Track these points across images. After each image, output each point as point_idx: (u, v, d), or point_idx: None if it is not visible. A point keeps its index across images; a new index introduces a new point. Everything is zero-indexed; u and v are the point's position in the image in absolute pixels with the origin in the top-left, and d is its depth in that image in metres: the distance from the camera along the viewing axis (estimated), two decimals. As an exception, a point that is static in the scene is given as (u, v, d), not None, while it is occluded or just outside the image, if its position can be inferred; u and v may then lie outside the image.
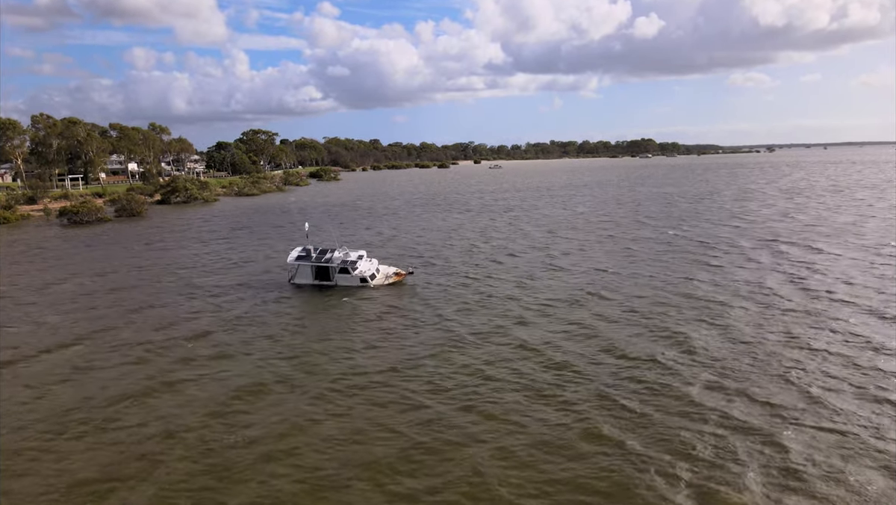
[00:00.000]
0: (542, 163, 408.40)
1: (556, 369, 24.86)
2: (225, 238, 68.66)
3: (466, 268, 46.48)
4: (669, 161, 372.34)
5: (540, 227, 69.94)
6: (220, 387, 24.15)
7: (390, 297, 38.12)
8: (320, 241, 46.53)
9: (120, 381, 25.25)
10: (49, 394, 24.09)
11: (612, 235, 61.12)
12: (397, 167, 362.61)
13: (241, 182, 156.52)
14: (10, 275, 49.54)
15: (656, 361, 25.36)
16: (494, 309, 34.37)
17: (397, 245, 59.08)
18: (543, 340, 28.57)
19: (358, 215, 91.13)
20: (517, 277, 42.69)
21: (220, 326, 32.98)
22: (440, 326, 31.55)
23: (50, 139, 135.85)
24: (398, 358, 26.88)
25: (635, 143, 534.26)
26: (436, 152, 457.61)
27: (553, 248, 54.70)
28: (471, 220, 78.30)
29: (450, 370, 25.21)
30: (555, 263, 47.45)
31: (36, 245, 67.73)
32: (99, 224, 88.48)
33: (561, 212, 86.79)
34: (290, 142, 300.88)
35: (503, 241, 59.79)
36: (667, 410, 20.82)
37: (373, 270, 41.48)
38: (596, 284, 39.47)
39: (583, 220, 74.56)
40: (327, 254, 42.22)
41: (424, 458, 18.12)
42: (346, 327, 32.07)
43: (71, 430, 20.78)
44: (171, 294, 40.85)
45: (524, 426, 19.97)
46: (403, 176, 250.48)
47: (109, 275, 48.21)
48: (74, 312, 36.87)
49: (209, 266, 51.11)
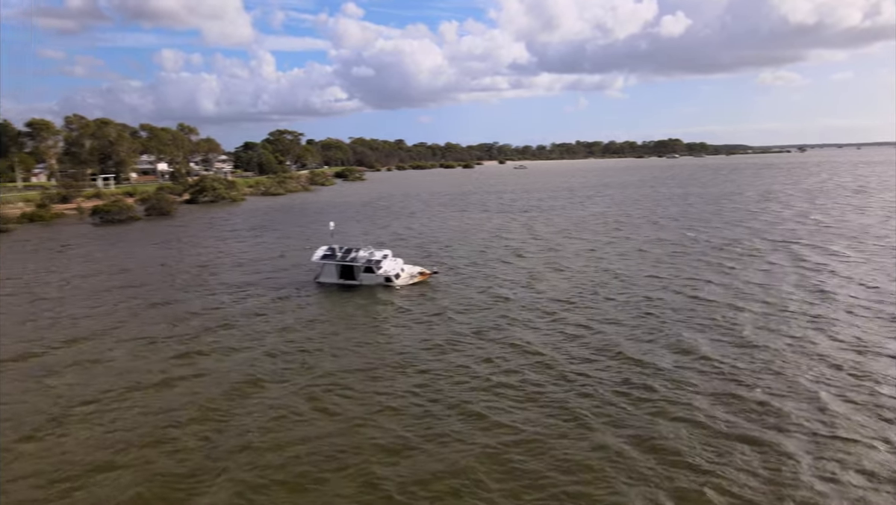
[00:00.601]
0: (567, 163, 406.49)
1: (571, 373, 25.59)
2: (250, 237, 70.47)
3: (478, 269, 47.20)
4: (697, 161, 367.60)
5: (555, 227, 70.48)
6: (233, 378, 25.42)
7: (413, 296, 38.84)
8: (340, 239, 47.64)
9: (131, 373, 26.57)
10: (58, 384, 25.44)
11: (628, 237, 61.35)
12: (422, 167, 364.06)
13: (268, 182, 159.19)
14: (39, 271, 51.73)
15: (665, 367, 25.82)
16: (511, 312, 34.92)
17: (411, 245, 60.05)
18: (550, 344, 29.22)
19: (376, 214, 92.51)
20: (523, 277, 43.33)
21: (241, 322, 34.26)
22: (461, 326, 32.31)
23: (83, 140, 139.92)
24: (414, 356, 27.81)
25: (662, 143, 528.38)
26: (460, 153, 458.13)
27: (569, 248, 55.25)
28: (487, 220, 79.12)
29: (467, 372, 25.95)
30: (563, 263, 47.98)
31: (68, 242, 70.30)
32: (130, 222, 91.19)
33: (579, 212, 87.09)
34: (316, 142, 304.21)
35: (516, 241, 60.44)
36: (669, 417, 21.43)
37: (397, 270, 42.00)
38: (610, 287, 39.98)
39: (600, 222, 74.80)
40: (352, 253, 42.86)
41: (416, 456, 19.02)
42: (367, 326, 33.05)
43: (71, 419, 22.02)
44: (196, 291, 42.38)
45: (523, 430, 20.74)
46: (427, 176, 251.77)
47: (136, 271, 50.11)
48: (98, 306, 38.63)
49: (235, 264, 52.70)
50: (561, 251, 53.87)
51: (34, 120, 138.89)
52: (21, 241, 73.77)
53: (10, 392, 24.71)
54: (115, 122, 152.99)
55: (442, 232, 69.94)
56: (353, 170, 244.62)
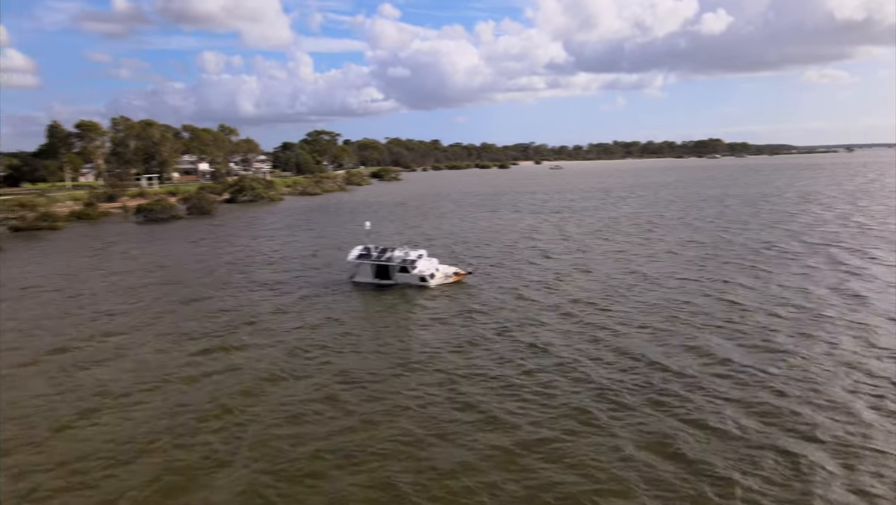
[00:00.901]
0: (604, 164, 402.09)
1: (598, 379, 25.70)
2: (287, 236, 71.90)
3: (508, 269, 47.28)
4: (738, 162, 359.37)
5: (587, 228, 70.09)
6: (257, 372, 26.20)
7: (446, 296, 39.05)
8: (373, 239, 48.33)
9: (158, 367, 27.49)
10: (89, 377, 26.52)
11: (660, 239, 60.59)
12: (457, 168, 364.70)
13: (305, 182, 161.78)
14: (83, 268, 53.79)
15: (691, 372, 25.54)
16: (542, 315, 34.98)
17: (442, 244, 60.40)
18: (577, 349, 29.20)
19: (409, 214, 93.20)
20: (552, 278, 43.29)
21: (273, 319, 35.07)
22: (486, 327, 32.46)
23: (128, 140, 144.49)
24: (437, 355, 28.09)
25: (702, 143, 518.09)
26: (496, 153, 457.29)
27: (597, 251, 54.98)
28: (519, 220, 79.08)
29: (489, 373, 26.14)
30: (592, 265, 47.74)
31: (112, 240, 72.84)
32: (172, 221, 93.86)
33: (612, 213, 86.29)
34: (353, 142, 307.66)
35: (549, 242, 60.34)
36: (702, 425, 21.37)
37: (432, 270, 42.24)
38: (638, 289, 39.74)
39: (633, 223, 74.05)
40: (387, 253, 43.26)
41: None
42: (396, 325, 33.43)
43: (97, 411, 22.95)
44: (230, 289, 43.48)
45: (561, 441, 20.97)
46: (462, 177, 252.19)
47: (174, 268, 51.72)
48: (134, 302, 40.01)
49: (270, 263, 53.86)
50: (590, 252, 53.54)
51: (82, 121, 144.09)
52: (69, 238, 76.73)
53: (45, 384, 25.89)
54: (158, 124, 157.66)
55: (472, 232, 70.16)
56: (388, 170, 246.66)
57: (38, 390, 25.18)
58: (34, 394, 24.77)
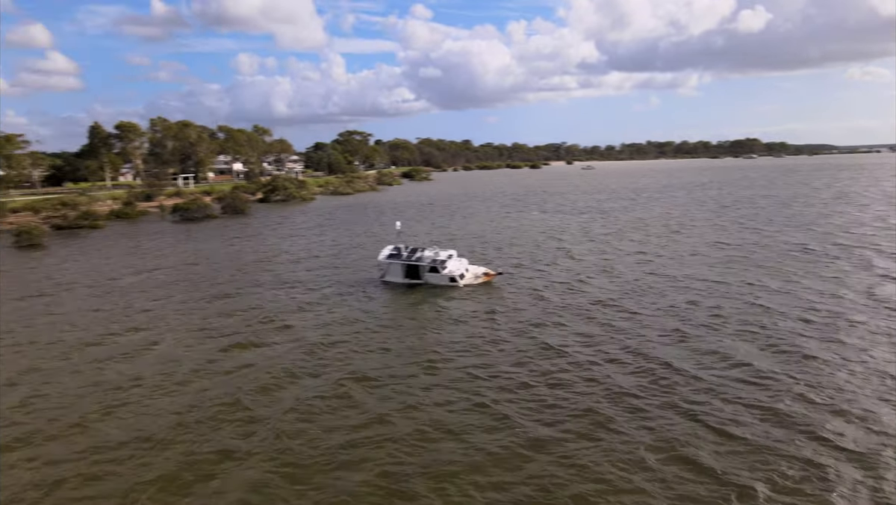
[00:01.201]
0: (637, 164, 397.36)
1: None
2: (317, 235, 72.88)
3: (536, 271, 47.22)
4: (775, 162, 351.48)
5: (614, 229, 69.54)
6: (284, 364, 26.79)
7: (474, 297, 39.09)
8: (401, 238, 48.75)
9: (178, 361, 28.24)
10: (112, 371, 27.44)
11: (687, 239, 59.76)
12: (488, 168, 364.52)
13: (337, 181, 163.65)
14: (117, 266, 55.40)
15: (710, 377, 25.33)
16: (566, 320, 35.02)
17: (469, 245, 60.55)
18: (602, 352, 29.19)
19: (438, 214, 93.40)
20: (576, 279, 43.14)
21: (302, 317, 35.61)
22: (509, 327, 32.49)
23: (165, 141, 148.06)
24: (455, 354, 28.24)
25: (738, 143, 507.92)
26: (527, 153, 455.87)
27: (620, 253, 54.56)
28: (548, 221, 78.80)
29: (507, 374, 26.33)
30: (617, 268, 47.39)
31: (148, 238, 74.84)
32: (207, 220, 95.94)
33: (640, 214, 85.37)
34: (384, 142, 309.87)
35: (571, 243, 60.10)
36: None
37: (462, 270, 42.39)
38: (661, 291, 39.37)
39: (661, 224, 73.17)
40: (417, 253, 43.54)
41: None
42: (418, 324, 33.68)
43: (116, 403, 23.83)
44: (261, 286, 44.28)
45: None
46: (493, 177, 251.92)
47: (205, 266, 52.89)
48: (162, 298, 41.07)
49: (301, 261, 54.66)
50: (616, 254, 53.16)
51: (122, 122, 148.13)
52: (108, 236, 79.07)
53: (74, 377, 26.89)
54: (195, 124, 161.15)
55: (500, 232, 70.05)
56: (419, 170, 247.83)
57: (67, 382, 26.16)
58: (64, 386, 25.75)
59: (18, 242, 70.23)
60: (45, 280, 49.69)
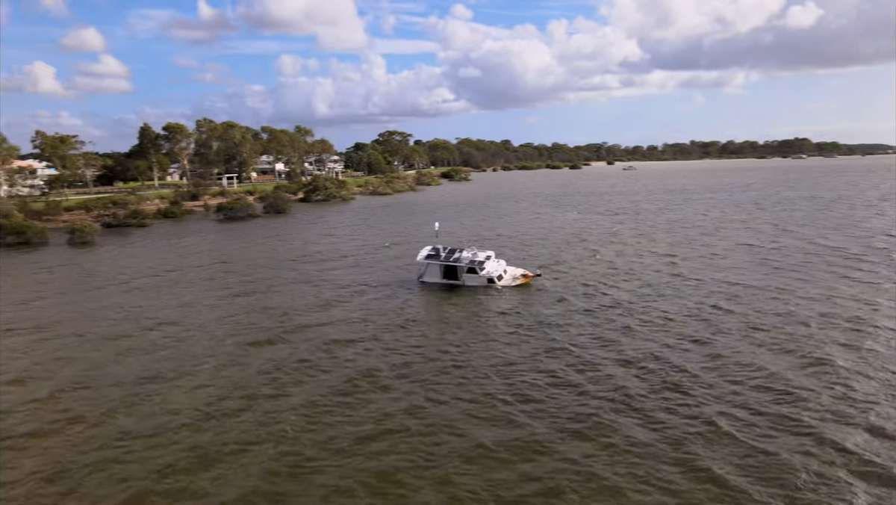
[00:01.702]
0: (681, 164, 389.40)
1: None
2: (357, 234, 73.59)
3: (569, 273, 46.78)
4: (826, 162, 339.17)
5: (649, 231, 68.33)
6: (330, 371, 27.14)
7: (513, 299, 38.81)
8: (440, 238, 48.88)
9: (196, 358, 28.79)
10: (132, 363, 28.17)
11: (721, 240, 58.31)
12: (528, 168, 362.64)
13: (376, 181, 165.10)
14: (160, 262, 56.89)
15: (725, 389, 24.61)
16: (598, 328, 34.73)
17: (505, 244, 60.41)
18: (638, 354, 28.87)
19: (474, 213, 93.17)
20: (615, 281, 42.53)
21: (343, 316, 35.91)
22: (557, 334, 32.57)
23: (211, 141, 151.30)
24: (471, 356, 28.22)
25: (787, 142, 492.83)
26: (568, 153, 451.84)
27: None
28: (579, 221, 77.94)
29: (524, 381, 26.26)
30: (647, 278, 46.51)
31: (192, 236, 76.72)
32: (249, 219, 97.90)
33: (678, 215, 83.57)
34: (424, 143, 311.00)
35: (595, 244, 59.30)
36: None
37: (500, 271, 42.25)
38: (708, 301, 38.52)
39: (695, 225, 71.55)
40: (455, 253, 43.49)
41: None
42: (465, 326, 33.82)
43: (135, 397, 24.53)
44: (301, 285, 44.82)
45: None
46: (532, 177, 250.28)
47: (241, 264, 53.80)
48: (192, 295, 41.94)
49: (339, 260, 55.16)
50: (652, 258, 52.27)
51: (170, 124, 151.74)
52: (154, 234, 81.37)
53: (103, 367, 27.79)
54: (239, 125, 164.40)
55: (534, 233, 69.63)
56: (458, 170, 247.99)
57: (100, 372, 27.04)
58: (91, 377, 26.66)
59: (71, 240, 72.86)
60: (89, 277, 51.46)
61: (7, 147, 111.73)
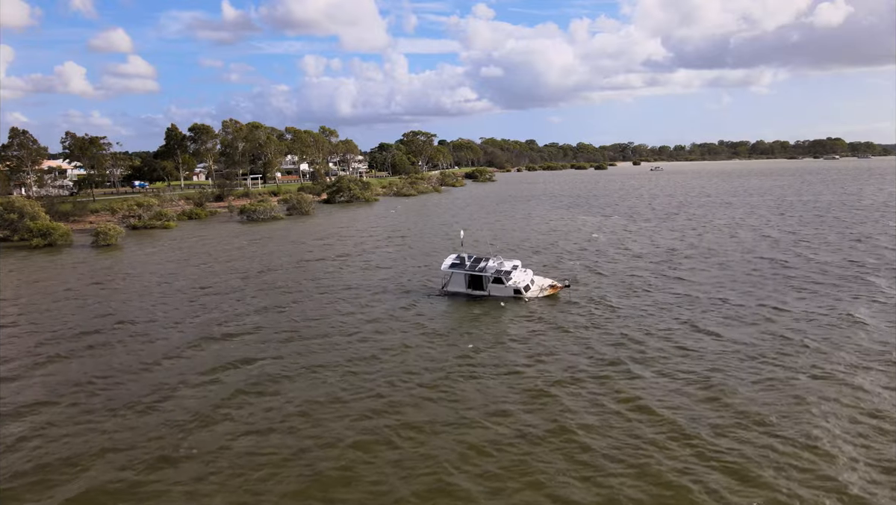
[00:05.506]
0: (708, 164, 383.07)
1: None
2: (380, 238, 72.60)
3: (595, 283, 45.18)
4: (859, 164, 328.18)
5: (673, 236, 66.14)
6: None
7: (540, 310, 37.40)
8: (455, 244, 47.55)
9: (201, 361, 27.99)
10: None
11: (736, 248, 55.99)
12: (552, 168, 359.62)
13: (400, 182, 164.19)
14: (177, 266, 56.44)
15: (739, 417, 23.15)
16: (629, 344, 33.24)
17: (526, 249, 58.85)
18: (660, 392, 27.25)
19: (495, 217, 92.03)
20: (649, 292, 40.82)
21: (363, 324, 34.98)
22: (556, 344, 31.07)
23: (236, 142, 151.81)
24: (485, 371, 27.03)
25: (819, 142, 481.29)
26: (593, 153, 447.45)
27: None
28: (606, 224, 75.96)
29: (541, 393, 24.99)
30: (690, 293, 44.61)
31: (213, 239, 76.42)
32: (272, 221, 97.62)
33: (707, 218, 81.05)
34: (448, 143, 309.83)
35: (639, 254, 57.35)
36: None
37: (527, 282, 40.59)
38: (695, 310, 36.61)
39: (722, 232, 69.13)
40: (481, 263, 41.77)
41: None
42: (490, 340, 32.50)
43: (145, 400, 23.53)
44: (320, 291, 43.88)
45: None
46: (557, 178, 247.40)
47: (258, 268, 53.09)
48: (216, 297, 41.09)
49: (364, 267, 53.97)
50: (687, 265, 50.33)
51: (196, 124, 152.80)
52: (176, 237, 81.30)
53: (111, 369, 27.26)
54: (264, 126, 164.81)
55: (552, 236, 68.05)
56: (482, 171, 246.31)
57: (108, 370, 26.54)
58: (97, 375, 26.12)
59: (96, 242, 73.03)
60: (101, 279, 51.43)
61: (36, 148, 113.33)
